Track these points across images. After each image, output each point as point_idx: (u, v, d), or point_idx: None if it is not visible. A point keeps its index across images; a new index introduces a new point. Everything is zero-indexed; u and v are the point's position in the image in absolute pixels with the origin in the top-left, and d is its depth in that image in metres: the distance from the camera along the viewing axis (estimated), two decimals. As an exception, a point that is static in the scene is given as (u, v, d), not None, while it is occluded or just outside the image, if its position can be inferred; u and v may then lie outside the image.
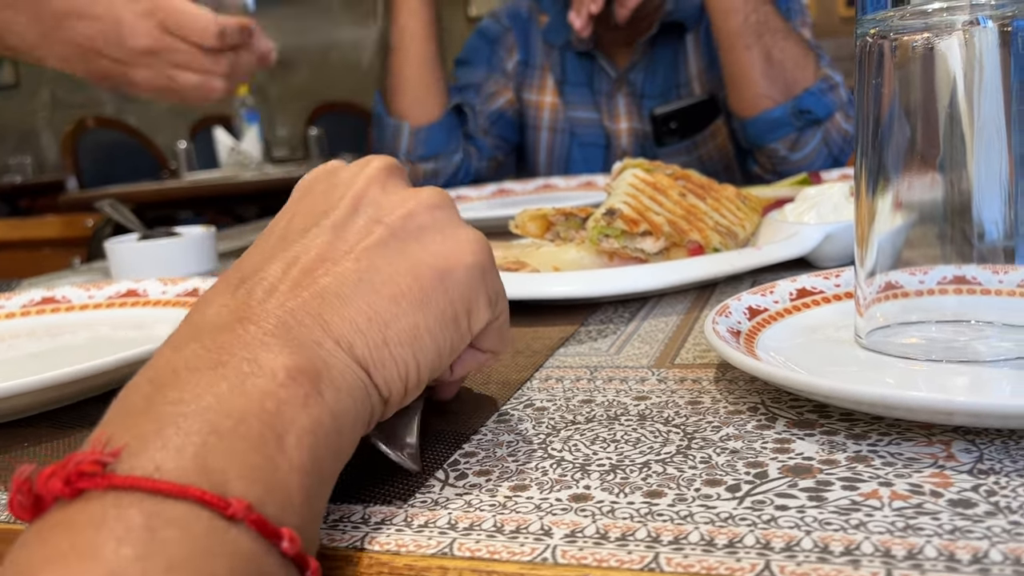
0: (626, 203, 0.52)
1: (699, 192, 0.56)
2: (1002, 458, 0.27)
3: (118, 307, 0.61)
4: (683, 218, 0.53)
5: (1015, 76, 0.34)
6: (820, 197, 0.57)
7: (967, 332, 0.37)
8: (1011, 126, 0.35)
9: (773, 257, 0.52)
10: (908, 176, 0.37)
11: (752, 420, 0.32)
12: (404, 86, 1.12)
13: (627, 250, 0.52)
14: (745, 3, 0.96)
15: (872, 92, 0.36)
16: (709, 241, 0.53)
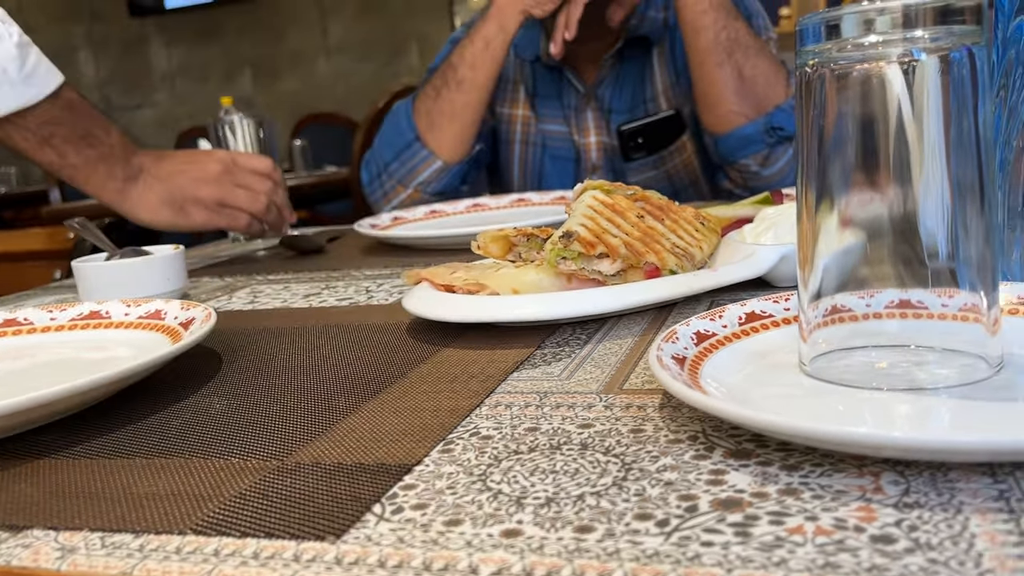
0: (583, 225, 0.52)
1: (657, 214, 0.57)
2: (928, 491, 0.27)
3: (80, 329, 0.60)
4: (640, 240, 0.54)
5: (953, 104, 0.35)
6: (779, 217, 0.57)
7: (909, 358, 0.37)
8: (950, 152, 0.35)
9: (728, 278, 0.52)
10: (850, 200, 0.37)
11: (691, 450, 0.32)
12: (453, 125, 1.09)
13: (584, 272, 0.52)
14: (715, 21, 0.96)
15: (814, 118, 0.37)
16: (665, 263, 0.53)
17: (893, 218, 0.37)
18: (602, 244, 0.52)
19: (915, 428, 0.32)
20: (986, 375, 0.35)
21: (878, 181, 0.37)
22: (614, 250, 0.52)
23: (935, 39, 0.34)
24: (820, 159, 0.37)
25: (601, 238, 0.52)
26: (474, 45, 1.06)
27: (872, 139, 0.36)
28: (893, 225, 0.37)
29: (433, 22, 4.20)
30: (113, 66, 4.74)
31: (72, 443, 0.40)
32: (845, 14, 0.34)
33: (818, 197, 0.37)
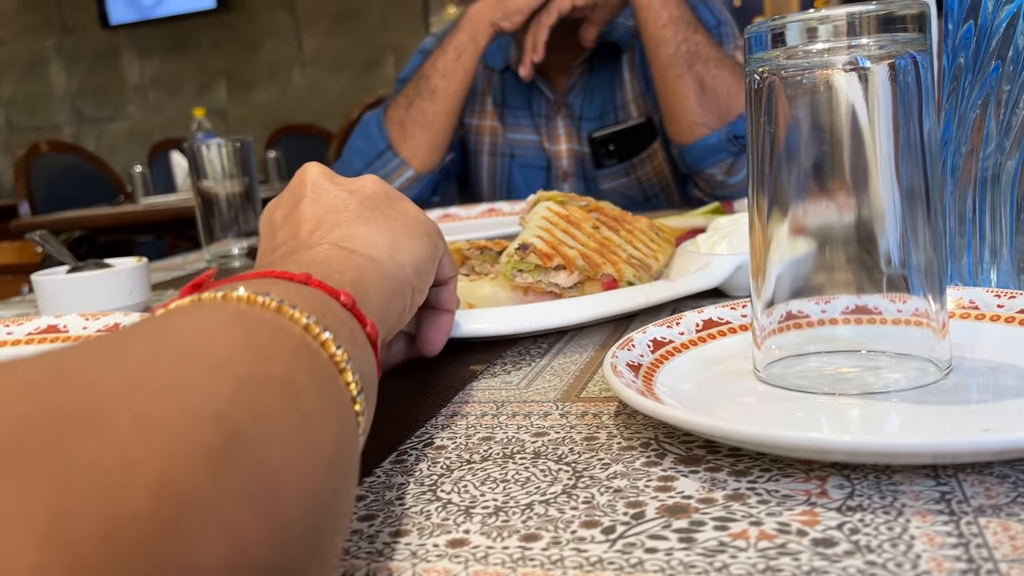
0: (539, 237, 0.52)
1: (612, 224, 0.56)
2: (872, 494, 0.27)
3: (37, 343, 0.59)
4: (596, 251, 0.53)
5: (900, 111, 0.35)
6: (732, 227, 0.58)
7: (862, 363, 0.38)
8: (899, 158, 0.36)
9: (686, 289, 0.52)
10: (802, 207, 0.37)
11: (642, 456, 0.32)
12: (426, 134, 1.09)
13: (541, 284, 0.51)
14: (675, 34, 0.97)
15: (764, 126, 0.37)
16: (623, 274, 0.53)
17: (845, 225, 0.37)
18: (559, 256, 0.51)
19: (863, 432, 0.32)
20: (935, 378, 0.35)
21: (829, 188, 0.37)
22: (571, 262, 0.51)
23: (881, 47, 0.34)
24: (771, 166, 0.37)
25: (557, 250, 0.52)
26: (446, 55, 1.06)
27: (822, 146, 0.36)
28: (845, 232, 0.37)
29: (408, 34, 4.20)
30: (85, 78, 4.70)
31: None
32: (789, 22, 0.34)
33: (770, 205, 0.37)
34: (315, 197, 0.40)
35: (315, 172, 0.41)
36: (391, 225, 0.39)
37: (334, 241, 0.36)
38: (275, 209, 0.42)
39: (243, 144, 1.06)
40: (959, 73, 0.47)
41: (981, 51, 0.45)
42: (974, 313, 0.42)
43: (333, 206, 0.39)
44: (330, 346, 0.26)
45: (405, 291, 0.37)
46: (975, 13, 0.45)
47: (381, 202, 0.40)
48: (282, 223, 0.39)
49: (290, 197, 0.41)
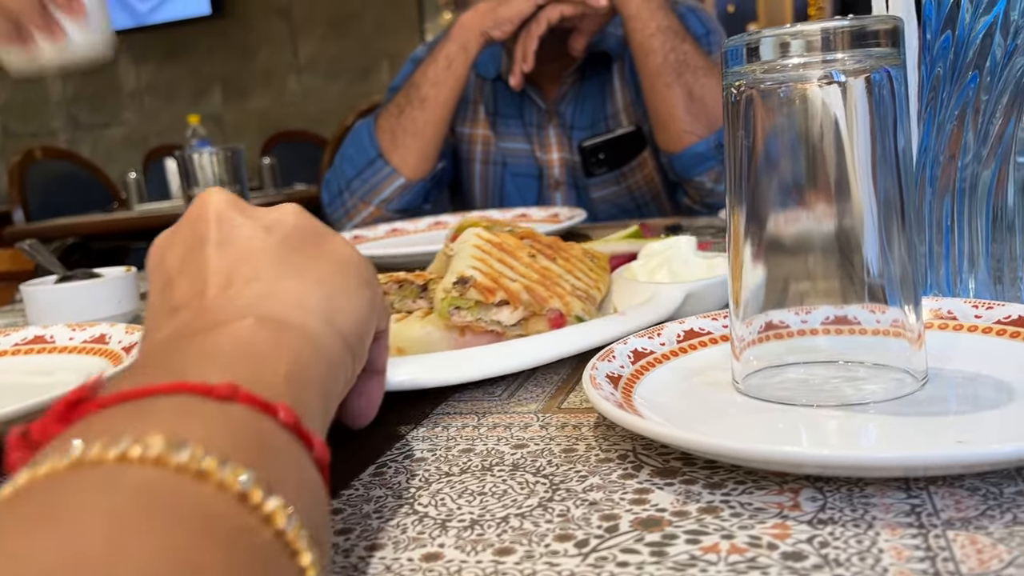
0: (477, 269, 0.46)
1: (548, 252, 0.51)
2: (844, 507, 0.28)
3: (24, 354, 0.60)
4: (539, 283, 0.47)
5: (877, 123, 0.36)
6: (668, 252, 0.55)
7: (840, 374, 0.38)
8: (876, 170, 0.36)
9: (639, 324, 0.46)
10: (780, 217, 0.38)
11: (619, 468, 0.32)
12: (416, 142, 1.09)
13: (481, 323, 0.46)
14: (663, 43, 0.98)
15: (742, 138, 0.37)
16: (571, 308, 0.47)
17: (823, 235, 0.37)
18: (501, 290, 0.46)
19: (839, 444, 0.33)
20: (912, 389, 0.36)
21: (807, 199, 0.37)
22: (515, 296, 0.46)
23: (856, 61, 0.34)
24: (749, 178, 0.37)
25: (499, 283, 0.46)
26: (437, 64, 1.06)
27: (799, 158, 0.37)
28: (823, 242, 0.37)
29: (403, 40, 4.21)
30: (81, 84, 4.70)
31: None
32: (763, 37, 0.35)
33: (748, 216, 0.37)
34: (223, 238, 0.31)
35: (219, 202, 0.32)
36: (323, 275, 0.31)
37: (256, 308, 0.28)
38: (167, 249, 0.32)
39: (234, 152, 1.06)
40: (937, 83, 0.47)
41: (959, 61, 0.46)
42: (952, 323, 0.42)
43: (247, 250, 0.30)
44: (277, 519, 0.19)
45: (346, 366, 0.30)
46: (952, 23, 0.45)
47: (306, 241, 0.32)
48: (180, 272, 0.30)
49: (188, 235, 0.31)
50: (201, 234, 0.31)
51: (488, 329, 0.46)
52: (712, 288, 0.50)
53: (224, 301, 0.28)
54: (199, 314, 0.28)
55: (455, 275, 0.46)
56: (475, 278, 0.45)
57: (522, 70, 1.05)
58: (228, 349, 0.25)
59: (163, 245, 0.32)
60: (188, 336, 0.27)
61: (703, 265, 0.54)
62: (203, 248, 0.30)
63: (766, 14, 5.24)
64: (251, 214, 0.32)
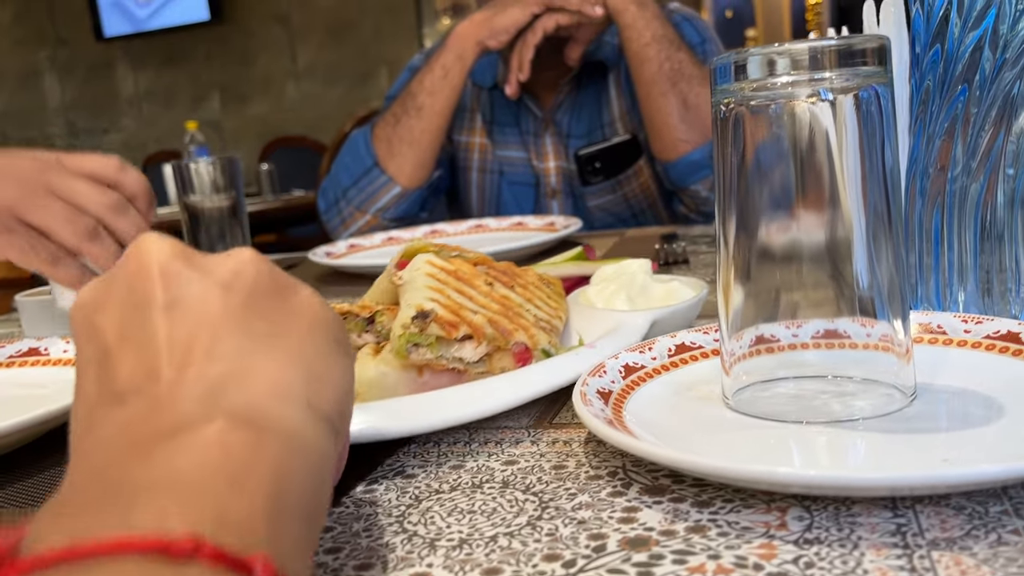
0: (435, 301, 0.42)
1: (505, 280, 0.47)
2: (830, 526, 0.28)
3: (18, 367, 0.60)
4: (502, 315, 0.44)
5: (865, 139, 0.36)
6: (623, 278, 0.53)
7: (829, 389, 0.38)
8: (865, 184, 0.36)
9: (604, 355, 0.43)
10: (770, 232, 0.38)
11: (608, 486, 0.33)
12: (412, 151, 1.09)
13: (442, 361, 0.42)
14: (658, 52, 0.98)
15: (731, 154, 0.37)
16: (537, 341, 0.44)
17: (812, 249, 0.37)
18: (464, 324, 0.42)
19: (827, 462, 0.33)
20: (900, 406, 0.36)
21: (796, 214, 0.37)
22: (479, 330, 0.42)
23: (843, 80, 0.34)
24: (738, 193, 0.37)
25: (460, 316, 0.42)
26: (433, 73, 1.07)
27: (788, 173, 0.37)
28: (813, 256, 0.37)
29: (402, 46, 4.22)
30: (79, 90, 4.71)
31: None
32: (751, 55, 0.35)
33: (737, 230, 0.37)
34: (172, 299, 0.25)
35: (162, 253, 0.26)
36: (297, 344, 0.26)
37: (225, 399, 0.23)
38: (98, 310, 0.25)
39: (231, 161, 1.06)
40: (927, 96, 0.47)
41: (948, 74, 0.46)
42: (941, 338, 0.42)
43: (204, 315, 0.25)
44: None
45: (332, 457, 0.26)
46: (941, 38, 0.45)
47: (271, 297, 0.26)
48: (121, 342, 0.24)
49: (126, 294, 0.25)
50: (143, 294, 0.25)
51: (449, 367, 0.42)
52: (677, 314, 0.49)
53: (184, 388, 0.23)
54: (154, 407, 0.22)
55: (412, 308, 0.42)
56: (436, 312, 0.41)
57: (518, 79, 1.05)
58: (192, 470, 0.20)
59: (92, 304, 0.26)
60: (141, 444, 0.21)
61: (661, 290, 0.53)
62: (148, 312, 0.24)
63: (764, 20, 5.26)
64: (201, 266, 0.26)
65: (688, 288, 0.53)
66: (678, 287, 0.53)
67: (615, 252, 0.91)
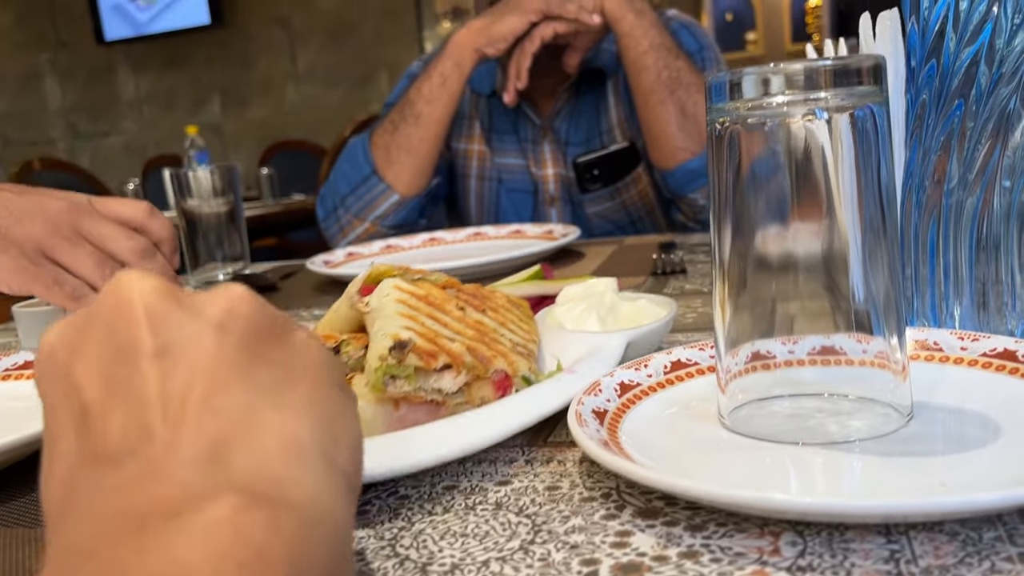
0: (410, 329, 0.40)
1: (476, 304, 0.46)
2: (823, 552, 0.27)
3: (14, 379, 0.60)
4: (478, 341, 0.42)
5: (860, 157, 0.36)
6: (591, 298, 0.51)
7: (825, 407, 0.38)
8: (861, 200, 0.36)
9: (587, 380, 0.41)
10: (765, 247, 0.38)
11: (602, 508, 0.32)
12: (411, 159, 1.09)
13: (420, 393, 0.40)
14: (656, 60, 0.98)
15: (726, 171, 0.37)
16: (516, 368, 0.42)
17: (808, 264, 0.37)
18: (443, 353, 0.40)
19: (822, 486, 0.33)
20: (896, 426, 0.36)
21: (792, 229, 0.37)
22: (458, 359, 0.40)
23: (839, 100, 0.34)
24: (733, 208, 0.37)
25: (437, 344, 0.40)
26: (431, 81, 1.07)
27: (783, 189, 0.37)
28: (808, 271, 0.37)
29: (402, 49, 4.22)
30: (80, 93, 4.71)
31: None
32: (746, 75, 0.35)
33: (732, 245, 0.37)
34: (163, 345, 0.22)
35: (147, 292, 0.23)
36: (303, 390, 0.23)
37: (232, 466, 0.20)
38: (74, 357, 0.22)
39: (230, 170, 1.06)
40: (923, 110, 0.47)
41: (944, 89, 0.46)
42: (938, 355, 0.42)
43: (200, 361, 0.22)
44: None
45: (351, 521, 0.23)
46: (937, 53, 0.45)
47: (269, 338, 0.24)
48: (104, 395, 0.21)
49: (106, 339, 0.22)
50: (128, 339, 0.22)
51: (427, 399, 0.40)
52: (651, 334, 0.48)
53: (182, 449, 0.20)
54: (148, 473, 0.20)
55: (388, 338, 0.39)
56: (414, 341, 0.39)
57: (516, 87, 1.05)
58: (198, 560, 0.18)
59: (65, 349, 0.23)
60: (136, 520, 0.19)
61: (629, 308, 0.52)
62: (134, 360, 0.22)
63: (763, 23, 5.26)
64: (191, 306, 0.23)
65: (656, 306, 0.52)
66: (646, 305, 0.52)
67: (613, 260, 0.91)
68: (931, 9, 0.45)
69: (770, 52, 5.18)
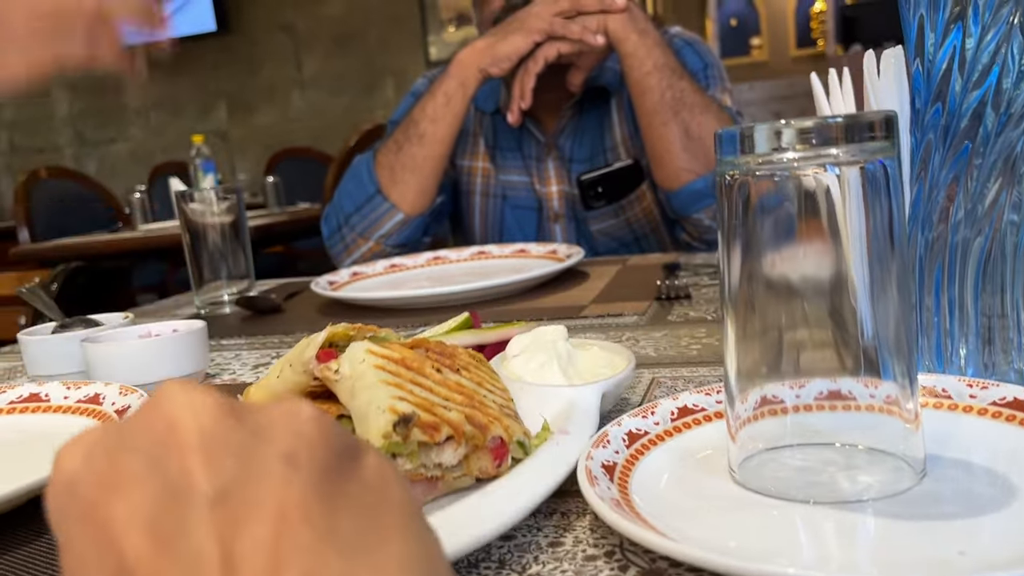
0: (404, 400, 0.37)
1: (448, 363, 0.42)
2: (834, 627, 0.27)
3: (19, 412, 0.59)
4: (468, 406, 0.39)
5: (871, 209, 0.35)
6: (545, 347, 0.49)
7: (836, 460, 0.38)
8: (871, 250, 0.36)
9: (584, 439, 0.40)
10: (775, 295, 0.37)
11: (606, 568, 0.32)
12: (415, 178, 1.09)
13: (422, 471, 0.37)
14: (660, 81, 0.98)
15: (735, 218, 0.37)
16: (512, 433, 0.39)
17: (817, 317, 0.37)
18: (445, 424, 0.37)
19: (835, 556, 0.32)
20: (909, 484, 0.35)
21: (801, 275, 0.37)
22: (459, 429, 0.37)
23: (850, 155, 0.34)
24: (742, 256, 0.37)
25: (436, 414, 0.37)
26: (435, 100, 1.06)
27: (793, 236, 0.36)
28: (815, 316, 0.37)
29: (407, 56, 4.23)
30: (87, 100, 4.73)
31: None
32: (757, 128, 0.34)
33: (741, 292, 0.37)
34: (223, 489, 0.18)
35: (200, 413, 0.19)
36: (396, 543, 0.19)
37: None
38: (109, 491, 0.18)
39: (234, 191, 1.06)
40: (928, 151, 0.47)
41: (950, 132, 0.45)
42: (947, 403, 0.42)
43: (271, 511, 0.18)
44: None
45: None
46: (943, 96, 0.45)
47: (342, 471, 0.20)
48: (151, 556, 0.17)
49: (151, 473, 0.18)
50: (180, 478, 0.18)
51: (427, 476, 0.37)
52: (621, 384, 0.47)
53: None
54: None
55: (388, 413, 0.36)
56: (417, 415, 0.36)
57: (520, 107, 1.05)
58: None
59: (95, 483, 0.18)
60: None
61: (586, 358, 0.50)
62: (189, 507, 0.18)
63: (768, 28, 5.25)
64: (252, 427, 0.19)
65: (609, 353, 0.50)
66: (599, 352, 0.50)
67: (617, 282, 0.90)
68: (936, 51, 0.45)
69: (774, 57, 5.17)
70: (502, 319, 0.79)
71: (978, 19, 0.43)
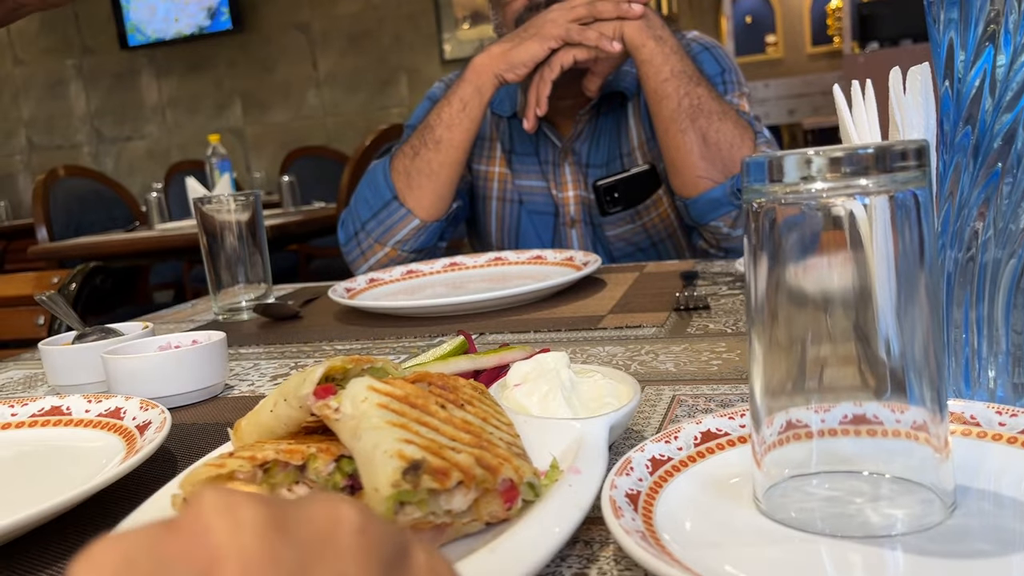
0: (410, 443, 0.35)
1: (451, 398, 0.40)
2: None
3: (40, 426, 0.60)
4: (476, 447, 0.37)
5: (900, 238, 0.35)
6: (549, 376, 0.47)
7: (864, 490, 0.37)
8: (899, 272, 0.35)
9: (596, 478, 0.38)
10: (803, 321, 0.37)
11: (635, 607, 0.32)
12: (431, 184, 1.08)
13: (431, 519, 0.35)
14: (677, 88, 0.97)
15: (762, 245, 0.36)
16: (522, 474, 0.37)
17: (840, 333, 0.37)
18: (455, 468, 0.35)
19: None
20: (939, 518, 0.35)
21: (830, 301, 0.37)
22: (469, 474, 0.35)
23: (880, 186, 0.33)
24: (770, 283, 0.36)
25: (444, 457, 0.35)
26: (451, 106, 1.06)
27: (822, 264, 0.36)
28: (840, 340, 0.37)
29: (421, 54, 4.23)
30: (104, 98, 4.76)
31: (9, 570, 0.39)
32: (786, 157, 0.34)
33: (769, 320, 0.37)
34: None
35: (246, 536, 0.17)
36: None
37: None
38: None
39: (252, 196, 1.06)
40: (957, 173, 0.46)
41: (980, 154, 0.45)
42: (975, 431, 0.41)
43: None
44: None
45: None
46: (972, 120, 0.44)
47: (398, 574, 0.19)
48: None
49: None
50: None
51: (436, 523, 0.35)
52: (627, 416, 0.45)
53: None
54: None
55: (395, 458, 0.33)
56: (427, 461, 0.34)
57: (535, 114, 1.04)
58: None
59: None
60: None
61: (589, 386, 0.48)
62: None
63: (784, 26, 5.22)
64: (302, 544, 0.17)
65: (613, 380, 0.49)
66: (602, 381, 0.49)
67: (635, 290, 0.90)
68: (967, 72, 0.44)
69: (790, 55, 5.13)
70: (518, 329, 0.79)
71: (1009, 40, 0.42)
